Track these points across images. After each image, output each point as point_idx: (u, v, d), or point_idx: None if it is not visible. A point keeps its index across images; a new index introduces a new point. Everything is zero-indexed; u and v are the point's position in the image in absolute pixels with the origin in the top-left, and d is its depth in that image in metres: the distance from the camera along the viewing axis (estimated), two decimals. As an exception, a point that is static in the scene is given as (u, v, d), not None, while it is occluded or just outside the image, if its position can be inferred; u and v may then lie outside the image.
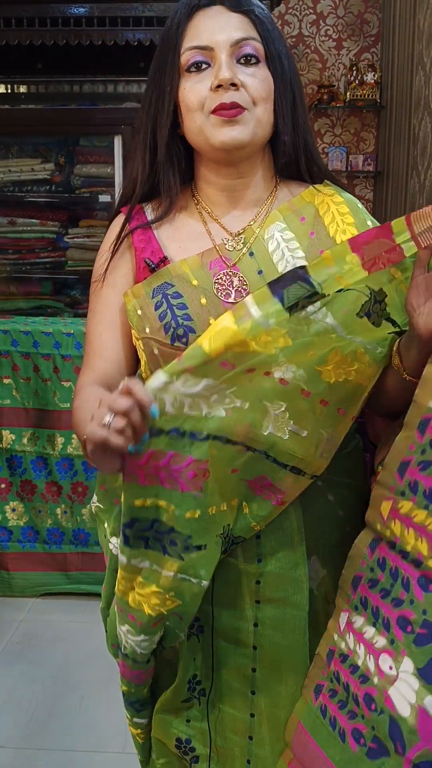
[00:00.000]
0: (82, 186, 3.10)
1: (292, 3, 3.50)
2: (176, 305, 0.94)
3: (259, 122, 0.93)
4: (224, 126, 0.91)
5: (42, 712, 2.01)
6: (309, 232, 0.96)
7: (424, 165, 2.57)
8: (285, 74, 0.96)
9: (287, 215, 0.98)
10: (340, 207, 0.98)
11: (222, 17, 0.93)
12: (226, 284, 0.95)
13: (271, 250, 0.96)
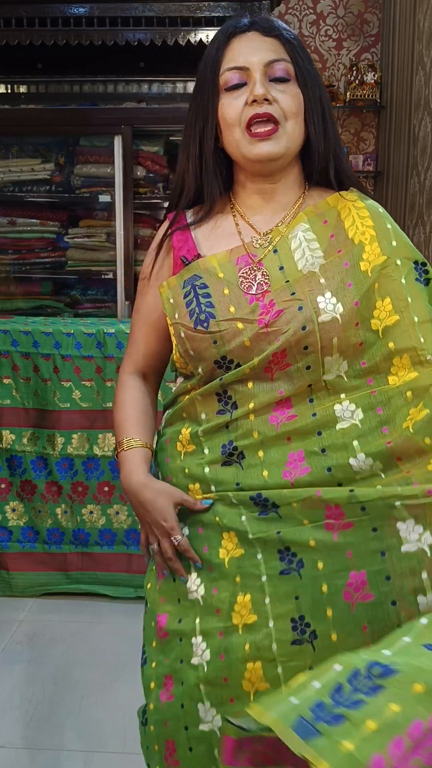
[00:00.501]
0: (82, 186, 3.09)
1: (292, 3, 3.50)
2: (202, 294, 1.06)
3: (290, 136, 1.05)
4: (259, 144, 1.03)
5: (42, 712, 2.01)
6: (330, 234, 1.06)
7: (424, 165, 2.57)
8: (314, 91, 1.07)
9: (311, 217, 1.08)
10: (360, 212, 1.07)
11: (256, 41, 1.06)
12: (250, 278, 1.06)
13: (293, 248, 1.06)
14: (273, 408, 1.03)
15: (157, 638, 1.12)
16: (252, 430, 1.04)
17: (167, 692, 1.08)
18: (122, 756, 1.84)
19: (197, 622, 1.06)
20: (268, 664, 0.98)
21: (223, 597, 1.04)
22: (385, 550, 0.94)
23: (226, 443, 1.06)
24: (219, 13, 3.01)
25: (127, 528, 2.61)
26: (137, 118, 2.96)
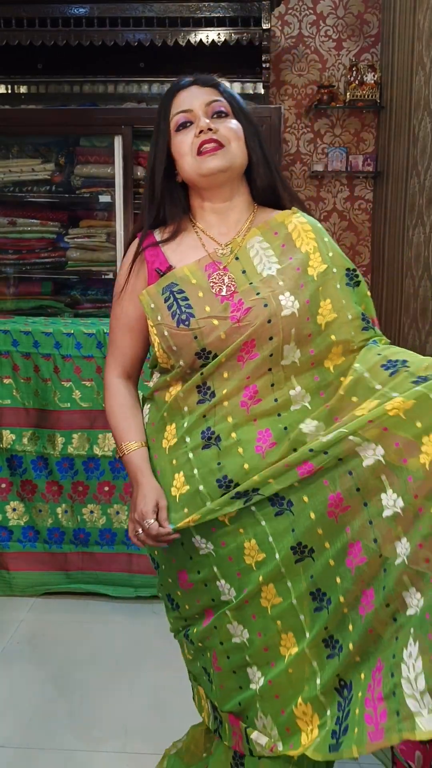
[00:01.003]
0: (83, 186, 3.10)
1: (291, 3, 3.50)
2: (180, 298, 1.27)
3: (233, 154, 1.28)
4: (208, 158, 1.27)
5: (42, 711, 2.01)
6: (281, 244, 1.30)
7: (424, 165, 2.57)
8: (250, 124, 1.32)
9: (264, 231, 1.32)
10: (304, 226, 1.32)
11: (196, 91, 1.32)
12: (219, 282, 1.28)
13: (252, 256, 1.30)
14: (242, 393, 1.26)
15: (183, 589, 1.36)
16: (226, 416, 1.26)
17: (208, 617, 1.34)
18: (122, 756, 1.84)
19: (215, 570, 1.29)
20: (279, 584, 1.23)
21: (231, 547, 1.26)
22: (351, 469, 1.15)
23: (205, 429, 1.27)
24: (219, 14, 3.01)
25: (127, 528, 2.62)
26: (137, 118, 2.96)
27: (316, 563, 1.20)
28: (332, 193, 3.61)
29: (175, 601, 1.41)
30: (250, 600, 1.26)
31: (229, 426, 1.25)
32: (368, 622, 1.12)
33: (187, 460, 1.28)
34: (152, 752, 1.85)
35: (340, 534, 1.17)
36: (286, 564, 1.22)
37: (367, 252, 3.64)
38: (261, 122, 2.88)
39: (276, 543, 1.22)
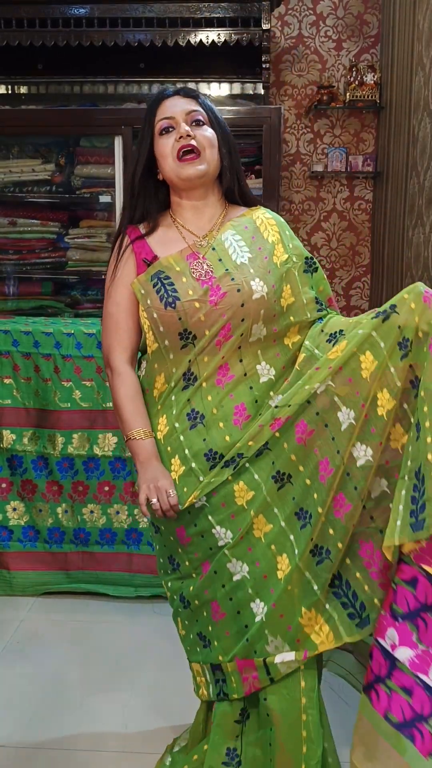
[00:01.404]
0: (83, 186, 3.10)
1: (291, 4, 3.51)
2: (167, 284, 1.46)
3: (209, 160, 1.47)
4: (188, 164, 1.45)
5: (42, 711, 2.01)
6: (251, 237, 1.50)
7: (424, 166, 2.58)
8: (224, 134, 1.51)
9: (235, 225, 1.51)
10: (269, 220, 1.54)
11: (179, 100, 1.50)
12: (198, 269, 1.46)
13: (227, 247, 1.48)
14: (218, 372, 1.45)
15: (182, 545, 1.49)
16: (206, 395, 1.45)
17: (204, 571, 1.47)
18: (123, 755, 1.84)
19: (210, 519, 1.44)
20: (267, 513, 1.41)
21: (222, 494, 1.43)
22: (310, 399, 1.36)
23: (190, 412, 1.45)
24: (219, 14, 3.01)
25: (127, 527, 2.62)
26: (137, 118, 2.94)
27: (295, 486, 1.39)
28: (332, 194, 3.61)
29: (176, 560, 1.53)
30: (245, 535, 1.42)
31: (210, 404, 1.44)
32: (348, 521, 1.32)
33: (180, 444, 1.45)
34: (152, 752, 1.85)
35: (310, 455, 1.37)
36: (270, 493, 1.41)
37: (366, 252, 3.64)
38: (261, 122, 2.89)
39: (260, 478, 1.42)
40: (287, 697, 1.40)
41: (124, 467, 2.60)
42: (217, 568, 1.44)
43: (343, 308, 3.68)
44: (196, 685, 1.54)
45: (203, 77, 3.43)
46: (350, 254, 3.64)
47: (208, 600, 1.46)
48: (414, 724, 1.15)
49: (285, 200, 3.62)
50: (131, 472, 2.60)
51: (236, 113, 2.93)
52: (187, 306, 1.43)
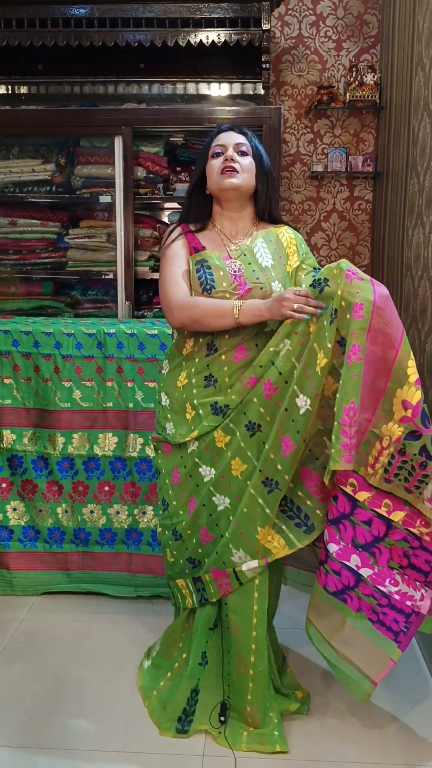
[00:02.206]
0: (83, 186, 3.10)
1: (291, 4, 3.51)
2: (208, 272, 1.85)
3: (245, 180, 1.87)
4: (227, 177, 1.85)
5: (42, 711, 2.01)
6: (274, 248, 1.91)
7: (423, 166, 2.58)
8: (263, 165, 1.91)
9: (264, 237, 1.92)
10: (289, 236, 1.94)
11: (232, 134, 1.92)
12: (232, 267, 1.86)
13: (256, 252, 1.88)
14: (236, 350, 1.83)
15: (173, 485, 1.92)
16: (223, 366, 1.84)
17: (192, 506, 1.88)
18: (123, 755, 1.84)
19: (197, 460, 1.87)
20: (242, 456, 1.80)
21: (207, 440, 1.85)
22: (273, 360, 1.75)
23: (207, 375, 1.86)
24: (219, 14, 3.01)
25: (127, 527, 2.62)
26: (137, 118, 2.97)
27: (264, 433, 1.77)
28: (332, 194, 3.61)
29: (167, 501, 1.95)
30: (225, 473, 1.82)
31: (225, 373, 1.84)
32: (293, 459, 1.71)
33: (193, 395, 1.87)
34: (152, 752, 1.85)
35: (275, 408, 1.75)
36: (244, 439, 1.80)
37: (366, 252, 3.64)
38: (261, 122, 2.89)
39: (236, 427, 1.81)
40: (242, 617, 1.84)
41: (124, 467, 2.60)
42: (205, 501, 1.86)
43: (343, 308, 3.69)
44: (182, 597, 1.96)
45: (203, 77, 3.43)
46: (350, 254, 3.64)
47: (198, 527, 1.88)
48: (345, 592, 1.70)
49: (285, 200, 3.62)
50: (131, 472, 2.60)
51: (236, 113, 2.93)
52: (220, 294, 1.82)
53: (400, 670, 2.22)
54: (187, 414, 1.88)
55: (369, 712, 2.02)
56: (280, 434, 1.71)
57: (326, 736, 1.93)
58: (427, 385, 2.44)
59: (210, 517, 1.86)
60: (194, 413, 1.86)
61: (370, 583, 1.68)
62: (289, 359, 1.71)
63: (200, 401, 1.85)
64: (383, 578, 1.68)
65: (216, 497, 1.84)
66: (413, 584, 1.68)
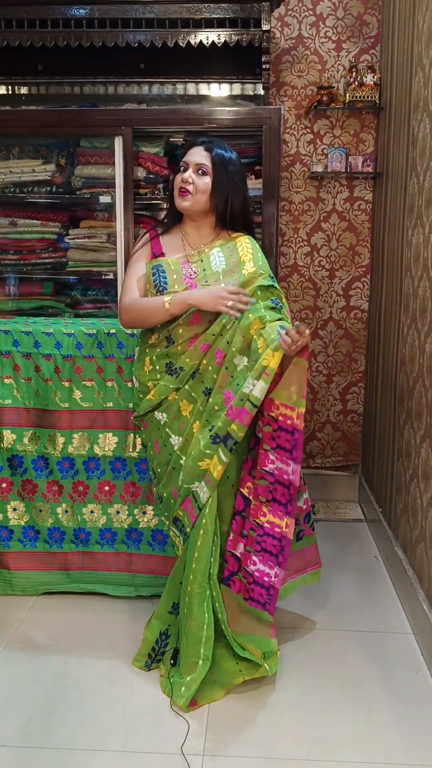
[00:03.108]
0: (83, 187, 3.10)
1: (291, 5, 3.51)
2: (162, 276, 2.14)
3: (195, 201, 2.15)
4: (179, 198, 2.16)
5: (43, 710, 2.01)
6: (230, 254, 2.18)
7: (423, 166, 2.58)
8: (222, 180, 2.13)
9: (221, 245, 2.21)
10: (246, 244, 2.20)
11: (197, 151, 2.16)
12: (187, 271, 2.17)
13: (211, 260, 2.18)
14: (189, 341, 2.13)
15: (155, 454, 2.24)
16: (180, 354, 2.14)
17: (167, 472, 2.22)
18: (123, 755, 1.85)
19: (167, 430, 2.19)
20: (201, 419, 2.13)
21: (174, 410, 2.18)
22: (223, 333, 2.09)
23: (168, 363, 2.17)
24: (219, 15, 3.01)
25: (127, 527, 2.62)
26: (137, 119, 2.96)
27: (215, 396, 2.10)
28: (332, 194, 3.61)
29: (153, 470, 2.28)
30: (189, 437, 2.15)
31: (183, 358, 2.13)
32: (227, 404, 2.07)
33: (157, 379, 2.18)
34: (152, 752, 1.85)
35: (224, 372, 2.09)
36: (202, 404, 2.13)
37: (366, 252, 3.64)
38: (261, 123, 2.89)
39: (195, 394, 2.14)
40: (191, 557, 2.11)
41: (124, 467, 2.60)
42: (174, 466, 2.18)
43: (343, 308, 3.69)
44: (176, 547, 2.23)
45: (203, 78, 3.43)
46: (350, 254, 3.64)
47: (171, 488, 2.20)
48: (230, 578, 2.15)
49: (285, 201, 3.62)
50: (131, 472, 2.60)
51: (236, 114, 2.93)
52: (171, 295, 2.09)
53: (400, 670, 2.22)
54: (150, 395, 2.19)
55: (369, 712, 2.03)
56: (221, 389, 2.08)
57: (326, 736, 1.93)
58: (427, 385, 2.44)
59: (179, 478, 2.15)
60: (157, 387, 2.16)
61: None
62: (235, 329, 2.07)
63: (164, 377, 2.15)
64: (247, 558, 2.09)
65: (182, 459, 2.15)
66: (268, 563, 2.06)
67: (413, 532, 2.57)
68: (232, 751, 1.86)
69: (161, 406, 2.18)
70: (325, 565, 2.90)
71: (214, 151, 2.13)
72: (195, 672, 2.05)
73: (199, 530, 2.10)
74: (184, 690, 2.03)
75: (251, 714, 2.02)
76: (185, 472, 2.13)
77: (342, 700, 2.08)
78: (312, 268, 3.68)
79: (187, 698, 2.01)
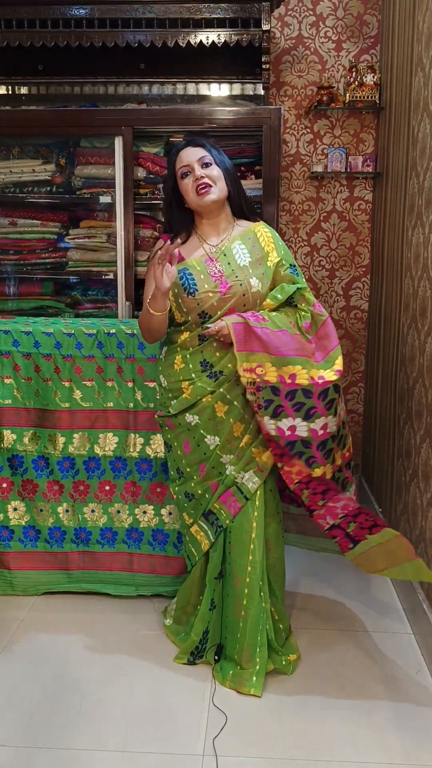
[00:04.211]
0: (83, 187, 3.10)
1: (291, 5, 3.51)
2: (190, 279, 2.11)
3: (220, 190, 2.11)
4: (204, 195, 2.10)
5: (43, 710, 2.01)
6: (252, 245, 2.16)
7: (423, 166, 2.58)
8: (227, 168, 2.14)
9: (242, 237, 2.17)
10: (266, 233, 2.19)
11: (191, 150, 2.12)
12: (213, 269, 2.12)
13: (234, 253, 2.14)
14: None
15: (186, 455, 2.21)
16: (215, 351, 2.12)
17: (203, 470, 2.19)
18: (123, 754, 1.85)
19: (202, 431, 2.16)
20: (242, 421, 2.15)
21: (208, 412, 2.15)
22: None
23: (202, 360, 2.14)
24: (219, 15, 3.01)
25: (128, 527, 2.62)
26: (138, 119, 2.97)
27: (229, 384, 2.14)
28: (332, 194, 3.61)
29: (181, 470, 2.25)
30: (229, 438, 2.15)
31: (217, 358, 2.12)
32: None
33: (192, 378, 2.14)
34: (152, 752, 1.85)
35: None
36: (243, 406, 2.13)
37: (366, 252, 3.64)
38: (261, 123, 2.89)
39: (231, 396, 2.13)
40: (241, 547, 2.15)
41: (124, 467, 2.60)
42: (214, 463, 2.17)
43: (343, 308, 3.69)
44: (196, 547, 2.24)
45: (203, 78, 3.43)
46: (350, 254, 3.64)
47: (209, 485, 2.19)
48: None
49: (285, 200, 3.62)
50: (131, 471, 2.60)
51: (236, 114, 2.93)
52: (202, 296, 2.09)
53: (400, 670, 2.22)
54: (185, 394, 2.15)
55: (369, 712, 2.03)
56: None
57: (327, 736, 1.93)
58: (427, 385, 2.44)
59: (220, 475, 2.18)
60: (192, 386, 2.14)
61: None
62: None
63: (197, 374, 2.13)
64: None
65: (222, 457, 2.17)
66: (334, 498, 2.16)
67: (413, 532, 2.57)
68: (232, 751, 1.86)
69: (194, 407, 2.15)
70: (325, 565, 2.90)
71: (204, 144, 2.13)
72: (258, 661, 2.14)
73: (251, 522, 2.14)
74: (255, 680, 2.12)
75: (251, 714, 2.02)
76: (233, 463, 2.16)
77: (342, 700, 2.08)
78: (312, 268, 3.68)
79: (260, 686, 2.11)
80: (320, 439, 2.07)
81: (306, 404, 2.05)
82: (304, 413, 2.05)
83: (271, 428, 2.06)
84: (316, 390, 2.05)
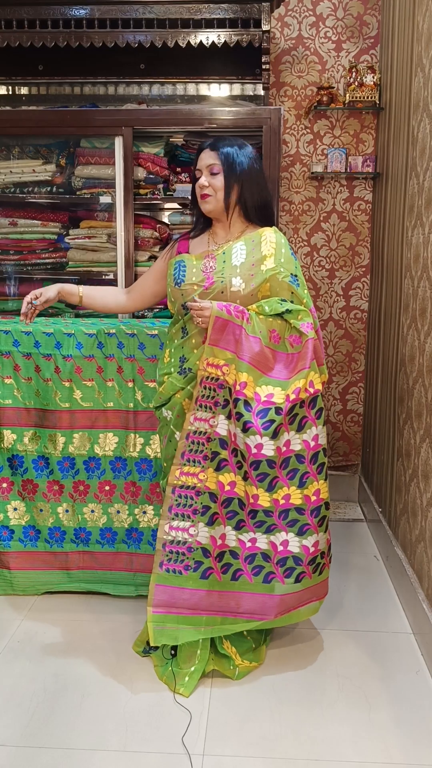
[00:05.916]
0: (83, 187, 3.10)
1: (291, 5, 3.51)
2: (181, 270, 2.22)
3: (216, 201, 2.19)
4: (203, 203, 2.21)
5: (43, 710, 2.01)
6: (252, 248, 2.18)
7: (423, 166, 2.58)
8: (235, 174, 2.16)
9: (246, 239, 2.21)
10: (270, 238, 2.20)
11: (207, 154, 2.19)
12: (207, 265, 2.20)
13: (233, 253, 2.19)
14: (203, 333, 2.12)
15: (164, 447, 2.28)
16: (192, 348, 2.17)
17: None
18: (123, 754, 1.85)
19: (172, 427, 2.22)
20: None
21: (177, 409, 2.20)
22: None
23: (181, 356, 2.20)
24: (219, 15, 3.01)
25: (128, 527, 2.62)
26: (138, 119, 2.97)
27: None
28: (332, 194, 3.62)
29: (161, 463, 2.35)
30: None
31: (194, 355, 2.16)
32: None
33: (170, 373, 2.22)
34: (152, 752, 1.85)
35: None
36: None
37: (366, 252, 3.64)
38: (261, 123, 2.89)
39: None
40: None
41: (124, 467, 2.60)
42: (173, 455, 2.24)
43: (343, 308, 3.69)
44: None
45: (203, 78, 3.43)
46: (350, 255, 3.64)
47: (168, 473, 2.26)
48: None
49: (285, 201, 3.62)
50: (131, 471, 2.60)
51: (236, 114, 2.93)
52: (187, 287, 2.18)
53: (400, 670, 2.22)
54: (170, 374, 2.23)
55: (369, 712, 2.03)
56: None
57: (326, 736, 1.93)
58: (427, 385, 2.44)
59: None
60: (167, 383, 2.22)
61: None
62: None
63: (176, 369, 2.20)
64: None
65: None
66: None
67: (413, 531, 2.57)
68: (232, 751, 1.86)
69: (168, 402, 2.22)
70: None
71: (220, 149, 2.17)
72: (195, 661, 2.16)
73: None
74: (188, 680, 2.11)
75: (251, 713, 2.02)
76: None
77: (342, 700, 2.08)
78: (312, 268, 3.68)
79: (191, 688, 2.10)
80: (253, 457, 2.06)
81: (244, 416, 2.05)
82: (242, 425, 2.05)
83: (221, 429, 2.09)
84: (256, 406, 2.05)
